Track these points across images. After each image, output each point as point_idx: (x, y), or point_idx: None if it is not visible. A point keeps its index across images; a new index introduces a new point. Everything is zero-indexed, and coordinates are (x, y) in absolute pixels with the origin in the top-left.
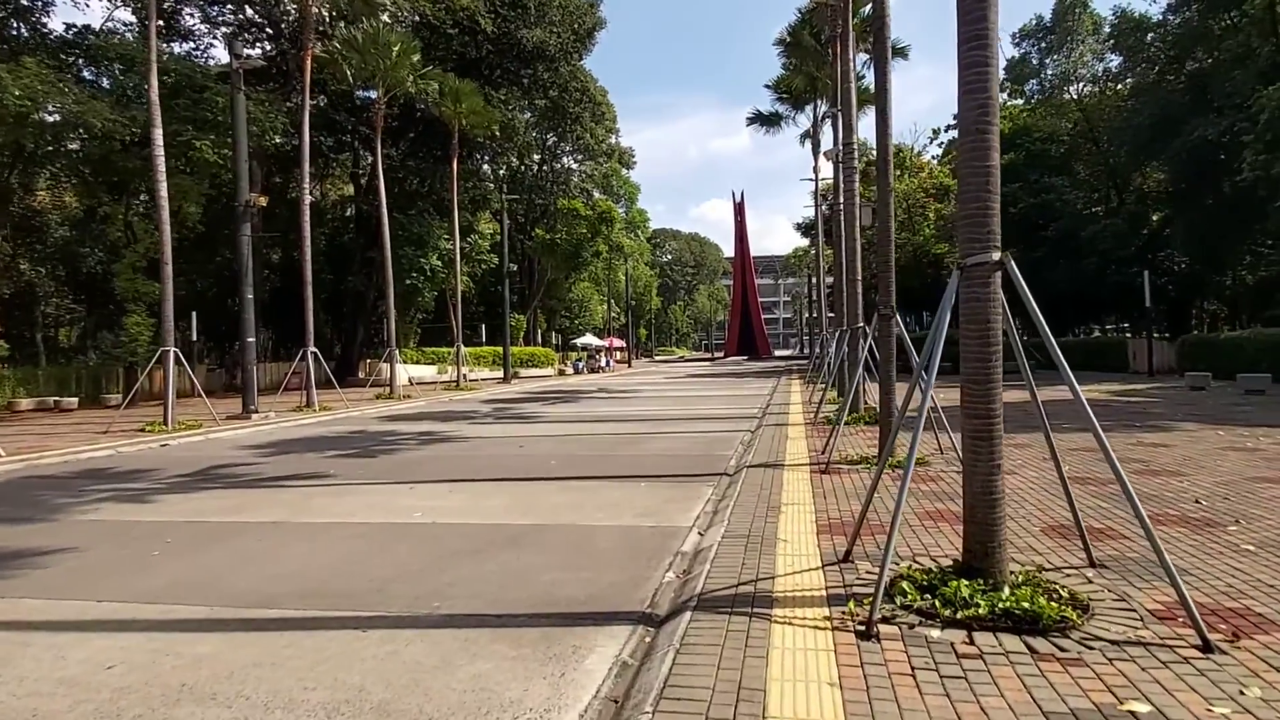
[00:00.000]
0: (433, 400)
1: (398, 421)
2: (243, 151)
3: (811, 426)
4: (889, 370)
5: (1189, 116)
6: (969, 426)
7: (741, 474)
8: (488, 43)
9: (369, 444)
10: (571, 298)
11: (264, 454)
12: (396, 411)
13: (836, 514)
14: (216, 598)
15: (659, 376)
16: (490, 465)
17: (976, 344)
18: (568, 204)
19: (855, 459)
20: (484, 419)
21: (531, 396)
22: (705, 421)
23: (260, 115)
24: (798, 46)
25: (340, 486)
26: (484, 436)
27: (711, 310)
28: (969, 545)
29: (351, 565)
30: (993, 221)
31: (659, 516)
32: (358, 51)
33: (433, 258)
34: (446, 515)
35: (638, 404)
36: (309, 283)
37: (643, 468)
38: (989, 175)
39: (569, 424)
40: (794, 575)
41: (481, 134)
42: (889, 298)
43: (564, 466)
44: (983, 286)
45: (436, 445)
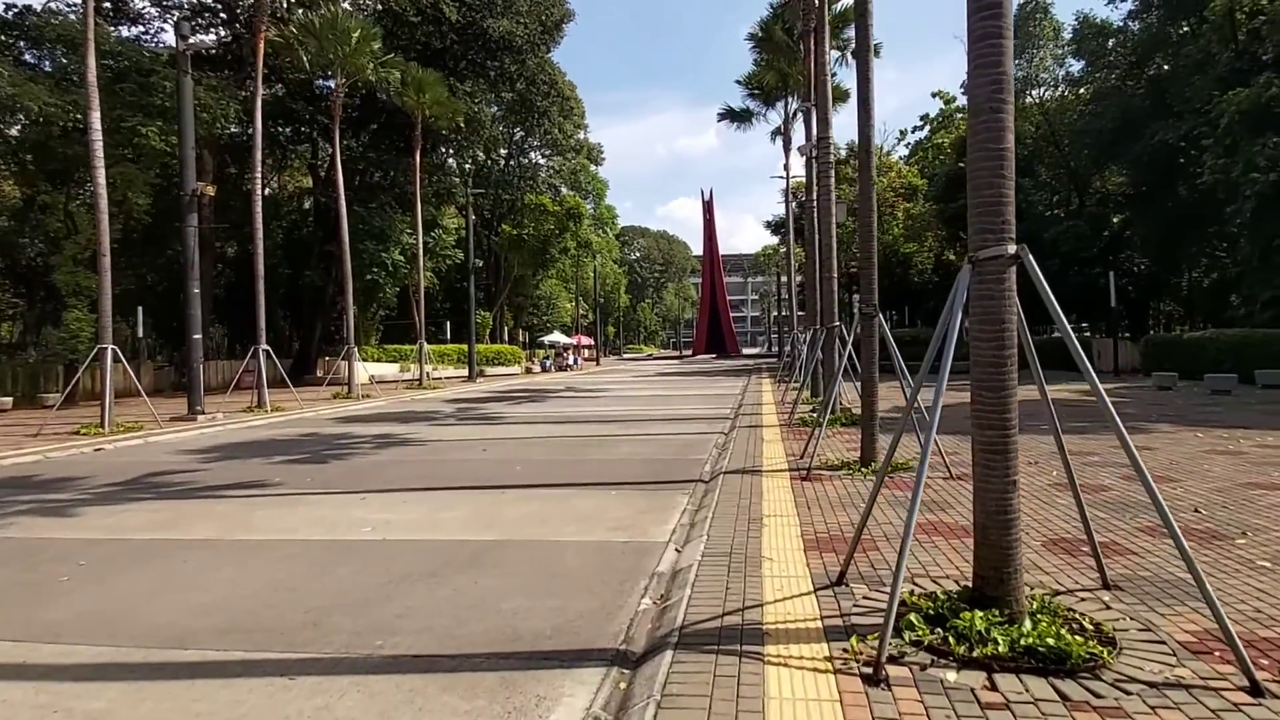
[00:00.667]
0: (393, 400)
1: (354, 423)
2: (189, 138)
3: (787, 429)
4: (872, 372)
5: (1149, 120)
6: (981, 439)
7: (718, 481)
8: (453, 33)
9: (321, 448)
10: (539, 295)
11: (206, 459)
12: (354, 412)
13: (823, 527)
14: (126, 635)
15: (628, 375)
16: (451, 471)
17: (990, 346)
18: (535, 199)
19: (836, 464)
20: (446, 420)
21: (497, 396)
22: (677, 423)
23: (211, 102)
24: (769, 41)
25: (285, 497)
26: (445, 439)
27: (680, 308)
28: (981, 570)
29: (287, 592)
30: (1007, 210)
31: (632, 530)
32: (314, 37)
33: (394, 252)
34: (400, 530)
35: (606, 404)
36: (261, 276)
37: (613, 474)
38: (1003, 159)
39: (535, 425)
40: (784, 602)
41: (446, 126)
42: (872, 295)
43: (530, 472)
44: (997, 283)
45: (394, 449)
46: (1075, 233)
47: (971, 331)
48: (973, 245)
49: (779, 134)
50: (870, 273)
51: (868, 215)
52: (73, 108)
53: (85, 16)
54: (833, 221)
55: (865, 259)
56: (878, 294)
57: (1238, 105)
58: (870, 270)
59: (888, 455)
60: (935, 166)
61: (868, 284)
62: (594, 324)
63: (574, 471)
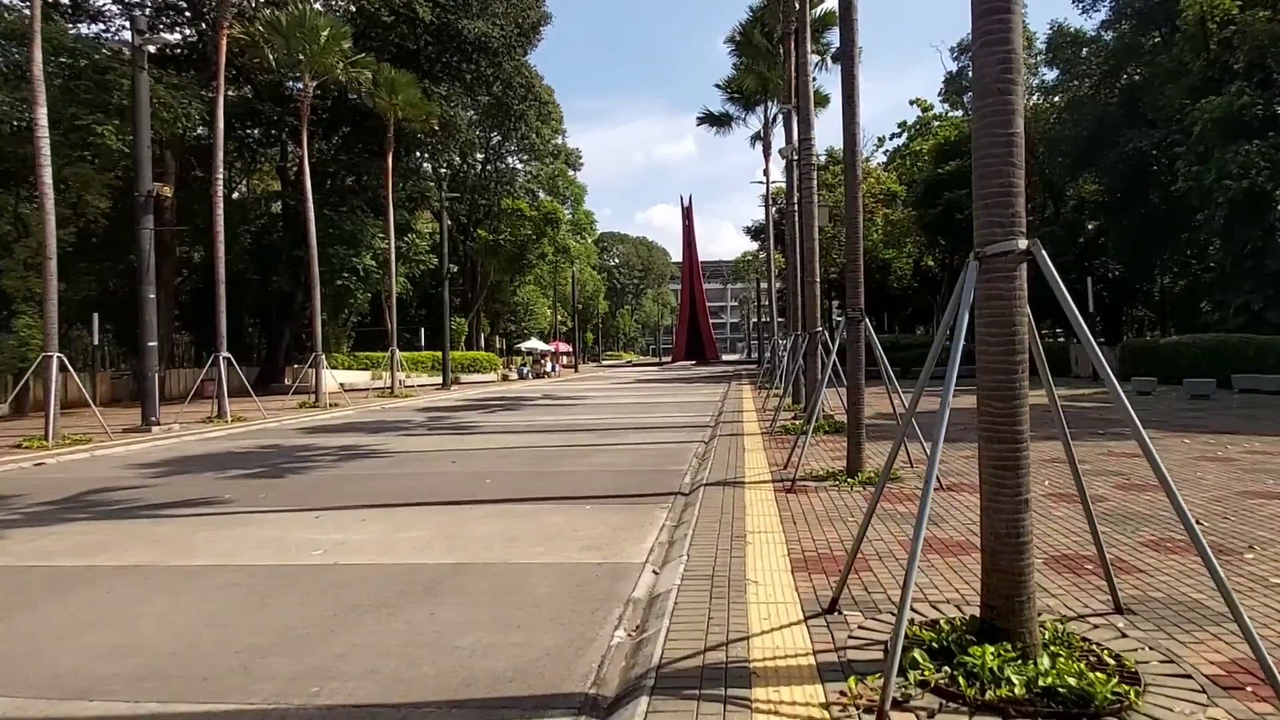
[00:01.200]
0: (363, 409)
1: (318, 434)
2: (144, 137)
3: (769, 437)
4: (858, 378)
5: (1124, 128)
6: (990, 453)
7: (699, 494)
8: (427, 34)
9: (279, 461)
10: (516, 301)
11: (154, 475)
12: (319, 422)
13: (811, 544)
14: (27, 683)
15: (606, 382)
16: (416, 486)
17: (999, 351)
18: (512, 204)
19: (821, 475)
20: (416, 430)
21: (471, 404)
22: (656, 431)
23: (173, 101)
24: (749, 45)
25: (234, 515)
26: (413, 451)
27: (659, 315)
28: (990, 599)
29: (219, 629)
30: (1017, 201)
31: (607, 549)
32: (281, 35)
33: (366, 257)
34: (354, 553)
35: (583, 412)
36: (221, 281)
37: (588, 486)
38: (1012, 145)
39: (509, 435)
40: (773, 634)
41: (420, 128)
42: (858, 299)
43: (500, 486)
44: (1006, 281)
45: (357, 462)
46: (1051, 239)
47: (978, 335)
48: (979, 240)
49: (758, 139)
50: (856, 275)
51: (854, 215)
52: (24, 105)
53: (32, 7)
54: (815, 225)
55: (851, 261)
56: (862, 300)
57: (1210, 113)
58: (856, 273)
59: (886, 468)
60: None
61: (854, 287)
62: (573, 330)
63: (547, 484)
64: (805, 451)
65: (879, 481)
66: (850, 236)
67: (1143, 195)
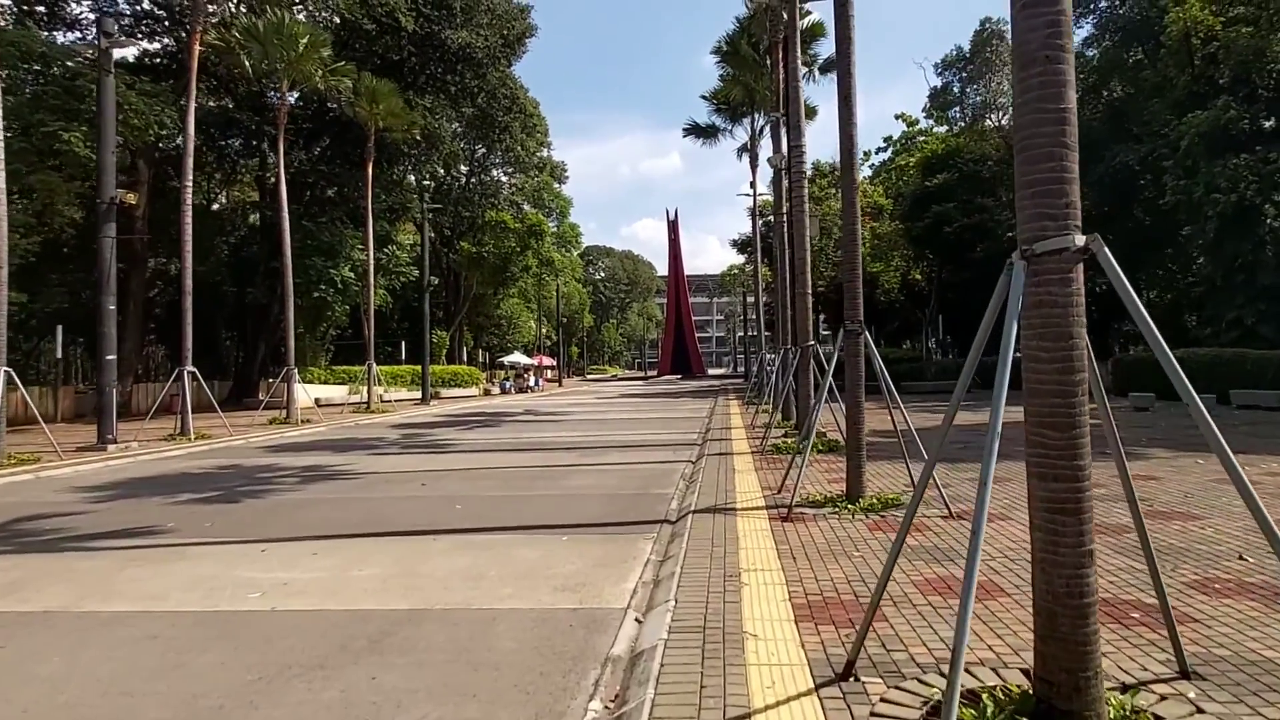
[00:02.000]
0: (336, 425)
1: (284, 453)
2: (109, 142)
3: (760, 456)
4: (858, 395)
5: (1109, 143)
6: (1044, 493)
7: (686, 522)
8: (410, 44)
9: (237, 484)
10: (500, 314)
11: (96, 499)
12: (288, 440)
13: (814, 585)
14: None
15: (591, 396)
16: (379, 513)
17: (1052, 370)
18: (496, 216)
19: (819, 500)
20: (388, 448)
21: (449, 420)
22: (640, 450)
23: (144, 108)
24: (736, 55)
25: (171, 548)
26: (381, 472)
27: (645, 328)
28: (1048, 673)
29: (118, 698)
30: (1071, 188)
31: (584, 591)
32: (258, 41)
33: (344, 269)
34: (296, 595)
35: (565, 429)
36: (188, 292)
37: (567, 513)
38: (1064, 122)
39: (485, 454)
40: (779, 709)
41: (401, 138)
42: (856, 311)
43: (470, 512)
44: (1060, 285)
45: (320, 484)
46: None
47: (1025, 351)
48: (1026, 235)
49: (745, 151)
50: (855, 286)
51: (851, 222)
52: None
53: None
54: (807, 234)
55: (849, 270)
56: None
57: (1197, 128)
58: (855, 283)
59: (914, 501)
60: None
61: (852, 298)
62: (557, 344)
63: (522, 511)
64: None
65: (905, 515)
66: (848, 245)
67: (1128, 210)
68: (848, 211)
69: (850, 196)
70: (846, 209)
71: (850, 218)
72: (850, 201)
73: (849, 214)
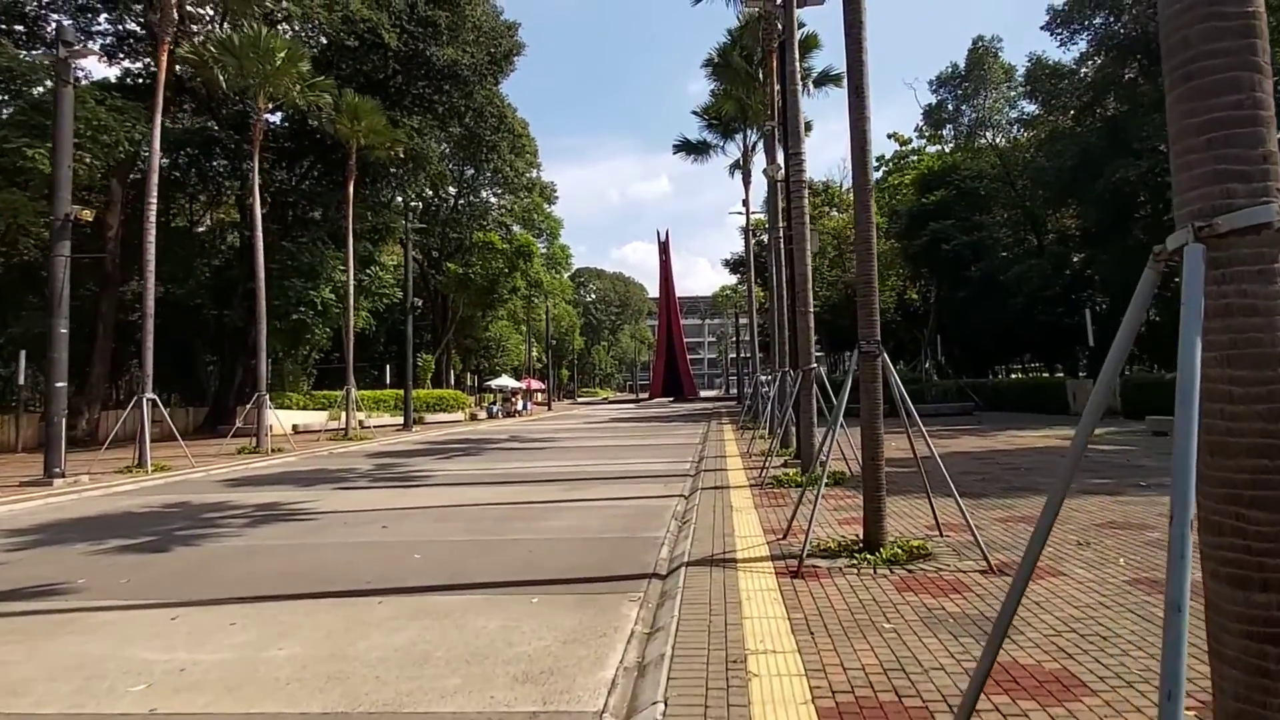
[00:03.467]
0: (308, 454)
1: (244, 487)
2: (64, 156)
3: (759, 491)
4: (876, 425)
5: (1109, 159)
6: (1242, 606)
7: (678, 578)
8: (395, 62)
9: (177, 527)
10: (488, 336)
11: (13, 546)
12: (252, 472)
13: (842, 677)
14: None
15: (580, 421)
16: (325, 565)
17: (1254, 413)
18: (483, 237)
19: (833, 547)
20: (356, 482)
21: (430, 448)
22: (629, 482)
23: (114, 124)
24: (727, 68)
25: (66, 615)
26: (342, 511)
27: (636, 351)
28: None
29: None
30: (1269, 135)
31: (550, 682)
32: (233, 55)
33: (325, 290)
34: (187, 691)
35: (551, 457)
36: (150, 314)
37: (540, 564)
38: (1251, 34)
39: (460, 488)
40: None
41: (384, 156)
42: (873, 329)
43: (431, 563)
44: (1261, 280)
45: (270, 528)
46: (1038, 271)
47: (1209, 372)
48: (1197, 205)
49: (737, 168)
50: (870, 300)
51: (866, 228)
52: None
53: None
54: (808, 247)
55: (864, 283)
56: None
57: None
58: (870, 296)
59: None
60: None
61: (867, 313)
62: (547, 367)
63: (489, 561)
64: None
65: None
66: (862, 253)
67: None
68: (861, 216)
69: (864, 199)
70: (860, 213)
71: (864, 222)
72: (864, 204)
73: (863, 219)
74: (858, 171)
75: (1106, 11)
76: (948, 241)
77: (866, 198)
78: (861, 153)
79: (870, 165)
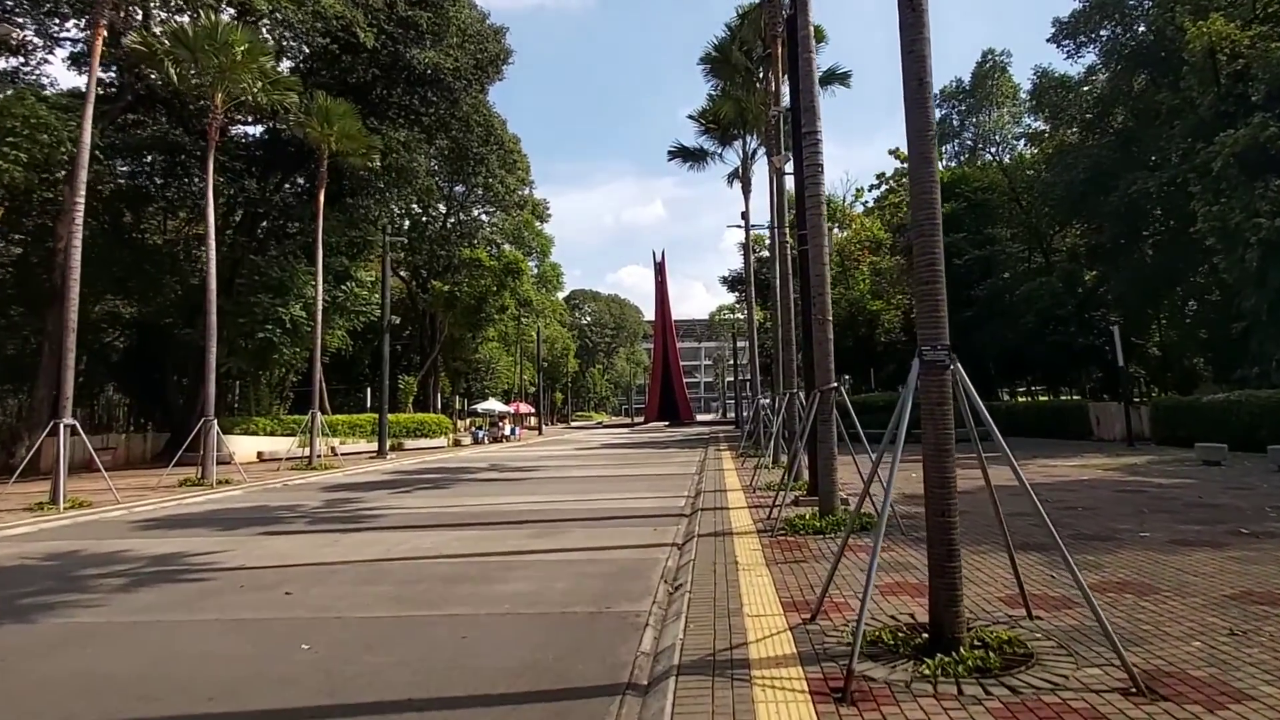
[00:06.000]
0: (260, 486)
1: (155, 531)
2: None
3: (771, 540)
4: (945, 463)
5: (1121, 172)
6: None
7: (666, 690)
8: (375, 66)
9: (31, 590)
10: (478, 358)
11: None
12: (183, 510)
13: None
14: None
15: (569, 446)
16: (164, 661)
17: None
18: (470, 254)
19: (887, 640)
20: (290, 524)
21: (396, 479)
22: (611, 526)
23: (57, 124)
24: (726, 64)
25: None
26: (249, 567)
27: (631, 374)
28: None
29: None
30: None
31: None
32: (186, 47)
33: (295, 307)
34: None
35: (527, 491)
36: (72, 328)
37: (470, 660)
38: None
39: (409, 533)
40: None
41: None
42: (940, 331)
43: (314, 661)
44: None
45: (147, 592)
46: (1048, 290)
47: None
48: None
49: (736, 177)
50: (936, 292)
51: (927, 189)
52: None
53: None
54: (825, 243)
55: (926, 266)
56: (946, 332)
57: (1231, 147)
58: (935, 285)
59: None
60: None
61: (931, 311)
62: (539, 390)
63: (403, 655)
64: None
65: None
66: (925, 226)
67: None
68: (922, 171)
69: (924, 149)
70: (919, 167)
71: (925, 179)
72: (924, 156)
73: (923, 174)
74: (914, 112)
75: (1114, 22)
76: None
77: (928, 149)
78: (919, 85)
79: (931, 103)
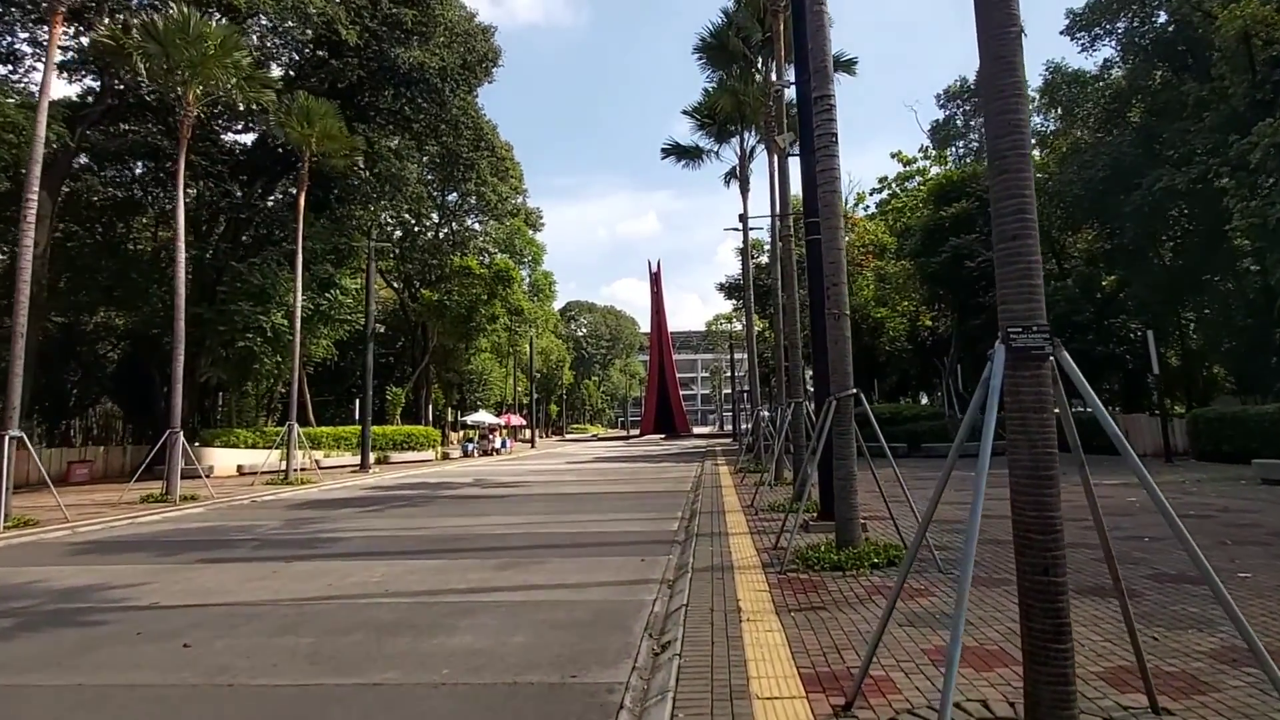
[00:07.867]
0: (226, 503)
1: (85, 557)
2: None
3: (780, 578)
4: (1046, 489)
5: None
6: None
7: None
8: (361, 68)
9: None
10: (470, 369)
11: None
12: (131, 531)
13: None
14: None
15: (561, 460)
16: None
17: None
18: (460, 262)
19: None
20: (236, 550)
21: (370, 495)
22: (592, 554)
23: (24, 122)
24: (723, 51)
25: None
26: (161, 606)
27: (627, 386)
28: None
29: None
30: None
31: None
32: (157, 41)
33: (277, 315)
34: None
35: (507, 510)
36: (21, 334)
37: None
38: None
39: (361, 561)
40: None
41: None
42: (1035, 308)
43: None
44: None
45: (26, 639)
46: (1064, 295)
47: None
48: None
49: (732, 176)
50: (1027, 254)
51: (1015, 125)
52: None
53: None
54: (839, 228)
55: (1013, 213)
56: (1043, 306)
57: (1271, 138)
58: (1028, 246)
59: None
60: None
61: (1020, 277)
62: (532, 402)
63: None
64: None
65: None
66: (1012, 175)
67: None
68: (999, 85)
69: (1003, 53)
70: (996, 77)
71: (1006, 90)
72: (1006, 61)
73: (1004, 87)
74: (982, 20)
75: (1130, 14)
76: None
77: (1010, 51)
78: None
79: (1018, 41)
